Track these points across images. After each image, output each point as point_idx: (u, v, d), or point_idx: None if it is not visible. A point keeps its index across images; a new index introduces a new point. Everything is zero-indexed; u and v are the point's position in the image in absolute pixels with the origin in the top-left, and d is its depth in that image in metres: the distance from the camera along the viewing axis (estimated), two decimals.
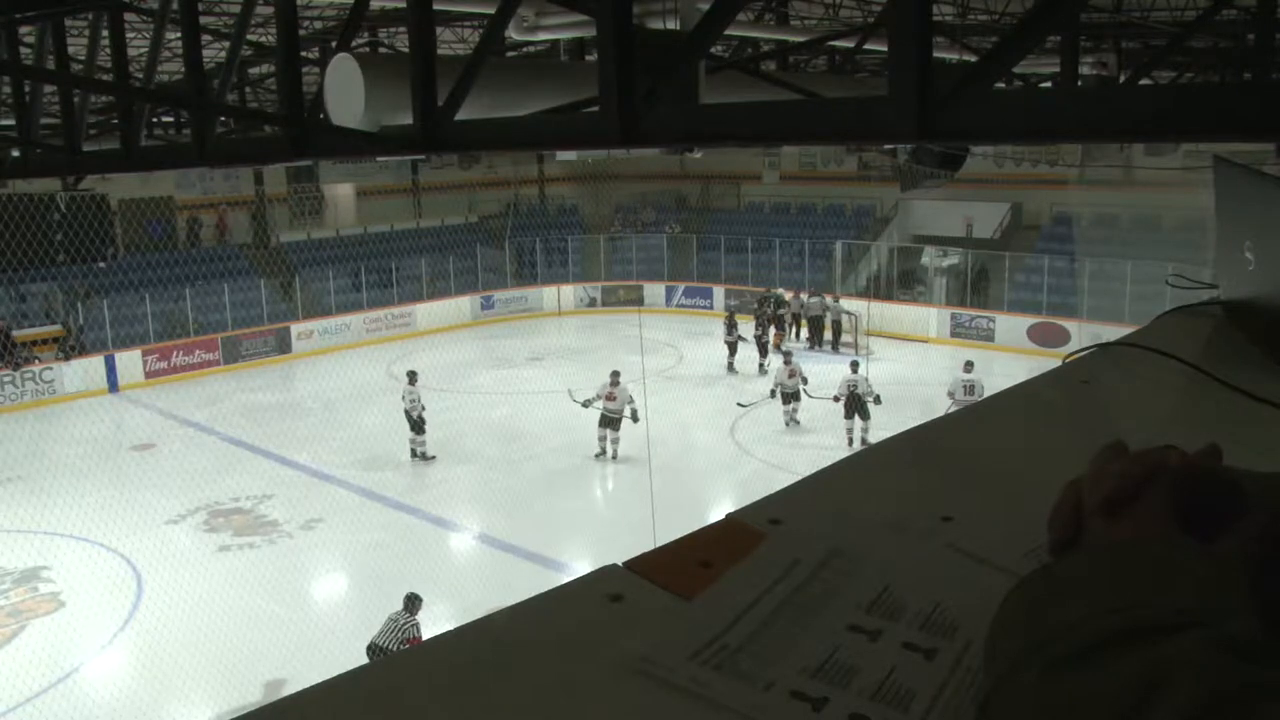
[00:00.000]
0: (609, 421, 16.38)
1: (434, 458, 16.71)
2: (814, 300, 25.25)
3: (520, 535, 13.40)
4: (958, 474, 0.97)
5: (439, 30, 7.34)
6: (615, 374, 16.34)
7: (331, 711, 0.60)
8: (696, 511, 12.52)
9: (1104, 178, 23.55)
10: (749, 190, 33.05)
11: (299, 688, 0.62)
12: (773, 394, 18.07)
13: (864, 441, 16.71)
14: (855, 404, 16.89)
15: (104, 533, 13.68)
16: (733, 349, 22.73)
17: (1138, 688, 0.42)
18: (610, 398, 16.22)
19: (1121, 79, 11.35)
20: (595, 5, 3.66)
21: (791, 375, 17.83)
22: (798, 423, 17.88)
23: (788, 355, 19.18)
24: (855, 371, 17.27)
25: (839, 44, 10.29)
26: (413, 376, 16.79)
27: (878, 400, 16.68)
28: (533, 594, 0.72)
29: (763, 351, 22.70)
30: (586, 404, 16.41)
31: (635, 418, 15.70)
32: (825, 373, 18.56)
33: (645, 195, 33.16)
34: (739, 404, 18.76)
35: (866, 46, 9.79)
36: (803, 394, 17.72)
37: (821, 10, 14.32)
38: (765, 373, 22.04)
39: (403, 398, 16.76)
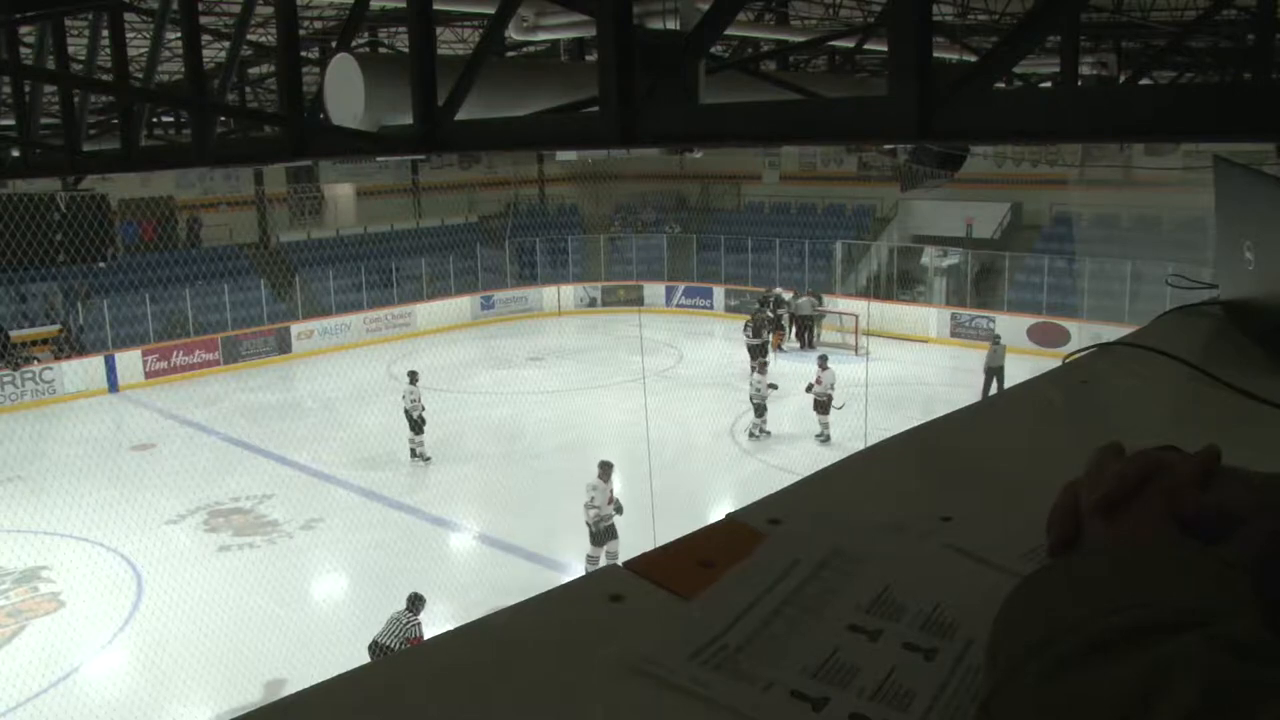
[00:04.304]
0: (602, 534, 12.13)
1: (429, 459, 16.71)
2: (803, 300, 25.28)
3: (520, 535, 13.40)
4: (958, 474, 0.97)
5: (439, 30, 7.34)
6: (605, 465, 12.40)
7: (331, 711, 0.60)
8: (696, 511, 12.52)
9: (1104, 178, 23.56)
10: (749, 190, 33.05)
11: (299, 688, 0.62)
12: (808, 389, 17.63)
13: (826, 438, 17.08)
14: (825, 402, 17.32)
15: (104, 533, 13.68)
16: (753, 353, 21.56)
17: (1139, 688, 0.42)
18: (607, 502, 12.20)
19: (1121, 79, 11.35)
20: (595, 5, 3.66)
21: (819, 382, 17.33)
22: (828, 438, 17.16)
23: (823, 359, 17.83)
24: (825, 368, 17.35)
25: (839, 44, 10.30)
26: (414, 376, 16.79)
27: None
28: (533, 594, 0.72)
29: (763, 351, 22.65)
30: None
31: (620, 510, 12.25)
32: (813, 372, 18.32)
33: (645, 195, 33.16)
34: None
35: (866, 46, 9.81)
36: (830, 406, 17.24)
37: (821, 10, 14.33)
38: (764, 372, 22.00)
39: (403, 397, 16.76)
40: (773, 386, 17.84)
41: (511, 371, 22.38)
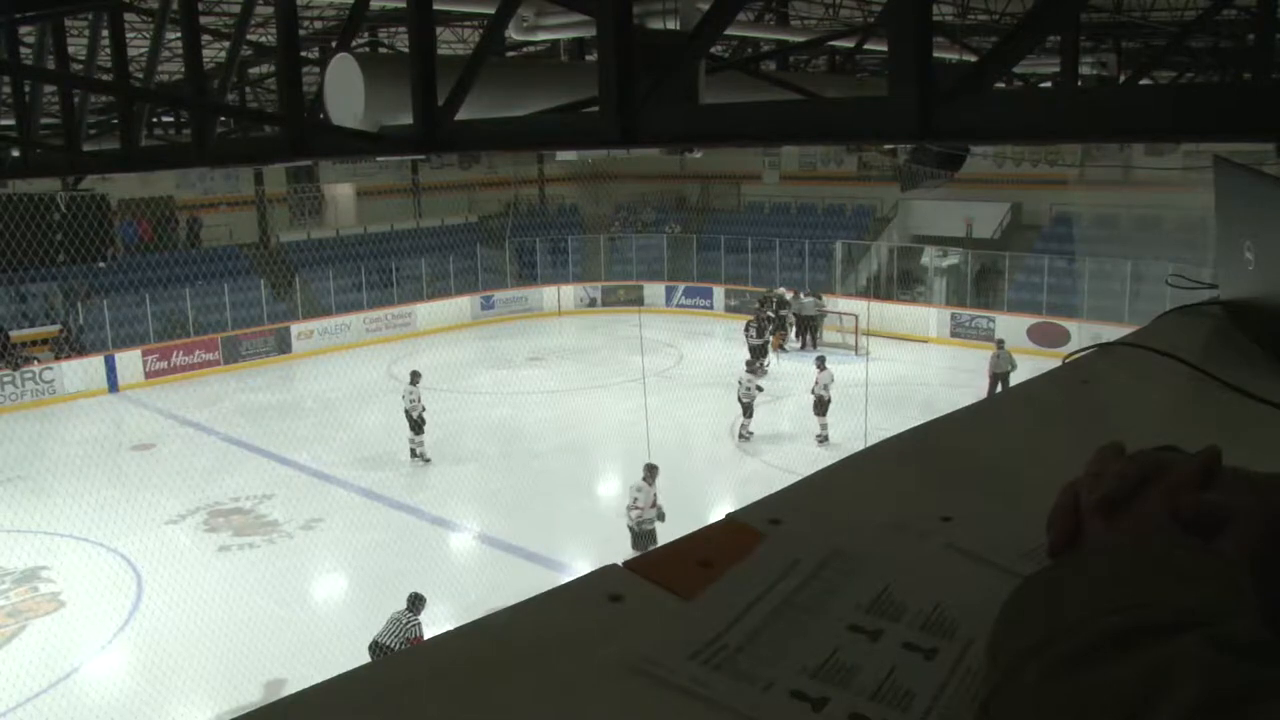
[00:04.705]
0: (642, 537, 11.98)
1: (429, 459, 16.71)
2: (808, 300, 25.29)
3: (520, 535, 13.39)
4: (958, 474, 0.97)
5: (439, 30, 7.34)
6: (650, 468, 12.32)
7: (331, 711, 0.60)
8: (696, 511, 12.51)
9: (1104, 178, 23.56)
10: (749, 190, 33.05)
11: (299, 688, 0.62)
12: (812, 392, 17.65)
13: (825, 439, 17.08)
14: (823, 402, 17.30)
15: (104, 533, 13.68)
16: (754, 353, 21.77)
17: (1139, 688, 0.42)
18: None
19: (1121, 79, 11.36)
20: (595, 5, 3.66)
21: (817, 383, 17.35)
22: (826, 439, 17.10)
23: (821, 360, 17.92)
24: (823, 369, 17.35)
25: (839, 44, 10.30)
26: (415, 376, 16.79)
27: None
28: (533, 594, 0.72)
29: (763, 351, 22.67)
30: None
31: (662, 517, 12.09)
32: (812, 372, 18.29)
33: (645, 195, 33.15)
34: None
35: (866, 46, 9.81)
36: (828, 407, 17.24)
37: (821, 10, 14.33)
38: (765, 373, 22.02)
39: (403, 397, 16.75)
40: (759, 389, 17.90)
41: (511, 371, 22.37)
